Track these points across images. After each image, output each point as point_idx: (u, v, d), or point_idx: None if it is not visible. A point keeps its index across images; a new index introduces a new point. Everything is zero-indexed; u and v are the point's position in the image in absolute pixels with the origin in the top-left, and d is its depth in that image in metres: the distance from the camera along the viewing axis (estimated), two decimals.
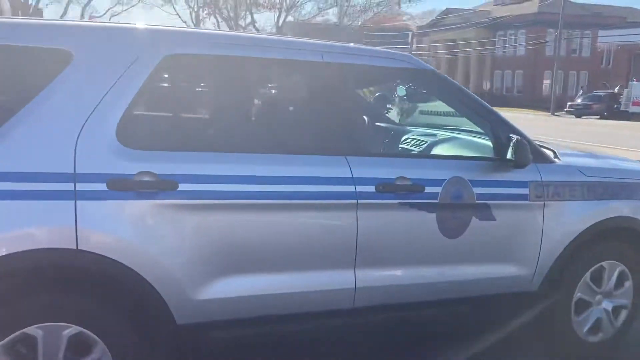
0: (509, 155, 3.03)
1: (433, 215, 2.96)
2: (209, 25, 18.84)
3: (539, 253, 3.27)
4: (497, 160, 3.12)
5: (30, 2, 15.98)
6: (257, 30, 17.67)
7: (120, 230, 2.38)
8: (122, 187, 2.37)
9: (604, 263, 3.51)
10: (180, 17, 21.10)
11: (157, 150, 2.49)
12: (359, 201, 2.77)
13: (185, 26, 21.78)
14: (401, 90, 4.41)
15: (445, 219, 2.99)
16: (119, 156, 2.40)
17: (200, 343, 2.63)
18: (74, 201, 2.30)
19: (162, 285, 2.45)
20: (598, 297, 3.55)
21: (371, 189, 2.80)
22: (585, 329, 3.54)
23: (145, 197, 2.41)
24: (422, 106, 4.94)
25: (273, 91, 3.36)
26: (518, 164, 3.04)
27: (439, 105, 3.82)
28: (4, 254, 2.20)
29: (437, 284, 3.06)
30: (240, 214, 2.60)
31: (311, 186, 2.71)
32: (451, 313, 3.19)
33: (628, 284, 3.61)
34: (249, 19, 16.82)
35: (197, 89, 3.19)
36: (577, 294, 3.46)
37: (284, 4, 16.51)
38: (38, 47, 2.42)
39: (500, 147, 3.12)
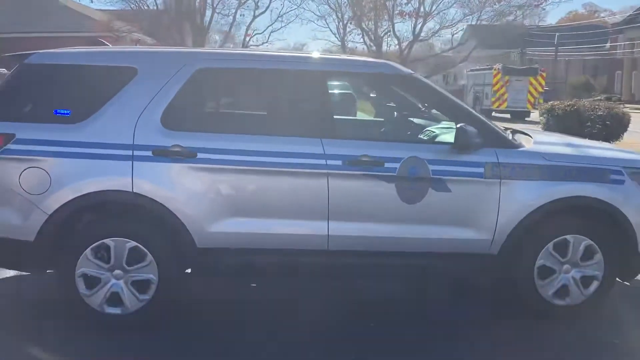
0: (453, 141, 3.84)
1: (392, 185, 3.87)
2: (355, 36, 20.54)
3: (496, 222, 3.97)
4: (451, 145, 3.92)
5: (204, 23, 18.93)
6: (397, 37, 18.63)
7: (159, 182, 3.73)
8: (161, 154, 3.73)
9: (568, 236, 4.06)
10: (330, 29, 23.04)
11: (185, 131, 3.81)
12: (329, 171, 3.82)
13: (334, 36, 23.51)
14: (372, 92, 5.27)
15: (403, 188, 3.89)
16: (161, 134, 3.76)
17: (213, 262, 3.89)
18: (131, 162, 3.70)
19: (186, 219, 3.75)
20: (565, 266, 4.10)
21: (339, 162, 3.82)
22: (550, 292, 4.11)
23: (175, 161, 3.74)
24: None
25: (271, 91, 4.50)
26: (458, 147, 3.82)
27: None
28: (92, 191, 3.67)
29: (399, 238, 3.95)
30: (242, 176, 3.82)
31: (295, 158, 3.83)
32: (413, 264, 4.05)
33: (598, 257, 4.10)
34: (385, 27, 17.91)
35: (216, 91, 4.45)
36: (540, 261, 4.07)
37: (422, 11, 17.20)
38: (118, 66, 3.88)
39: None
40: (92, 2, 22.83)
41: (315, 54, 4.28)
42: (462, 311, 4.34)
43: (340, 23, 20.96)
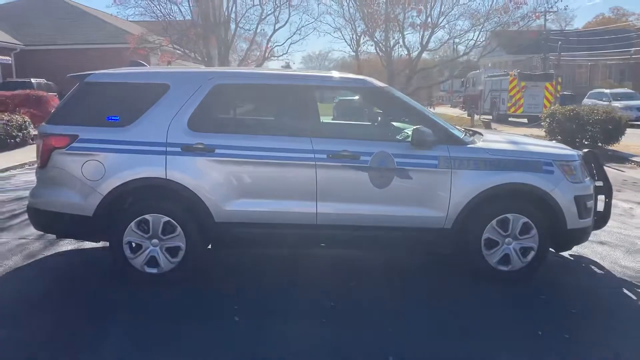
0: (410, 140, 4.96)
1: (366, 174, 4.98)
2: (368, 47, 21.76)
3: (449, 203, 5.04)
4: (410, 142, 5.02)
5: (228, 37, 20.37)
6: (407, 48, 19.74)
7: (186, 171, 4.90)
8: (188, 150, 4.90)
9: (508, 215, 5.11)
10: (345, 40, 24.36)
11: (206, 132, 4.97)
12: (317, 163, 4.94)
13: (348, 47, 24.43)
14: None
15: (374, 176, 4.99)
16: (187, 135, 4.93)
17: (229, 234, 5.04)
18: (165, 156, 4.88)
19: (206, 199, 4.91)
20: (507, 239, 5.15)
21: (324, 156, 4.95)
22: (495, 260, 5.16)
23: (199, 155, 4.91)
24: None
25: (272, 101, 5.65)
26: (414, 144, 4.92)
27: None
28: (137, 177, 4.86)
29: (372, 215, 5.05)
30: (249, 166, 4.96)
31: (290, 153, 4.96)
32: (386, 235, 5.13)
33: (533, 232, 5.13)
34: (395, 38, 19.02)
35: (230, 101, 5.61)
36: (486, 234, 5.12)
37: (430, 22, 18.18)
38: (155, 82, 5.08)
39: None
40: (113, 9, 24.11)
41: (307, 72, 5.47)
42: (426, 275, 5.43)
43: (354, 35, 22.13)
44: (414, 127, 5.04)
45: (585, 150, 6.05)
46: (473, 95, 36.99)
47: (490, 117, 31.58)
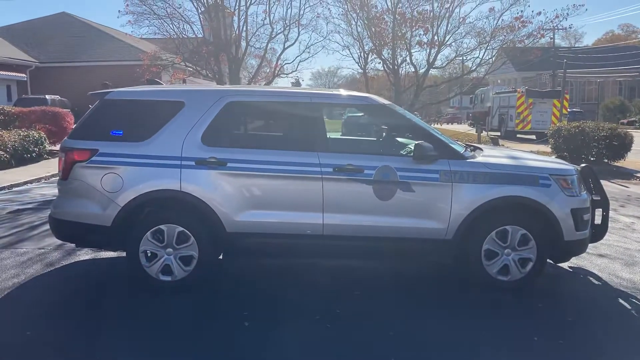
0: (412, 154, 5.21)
1: (370, 187, 5.22)
2: (376, 64, 22.30)
3: (450, 215, 5.27)
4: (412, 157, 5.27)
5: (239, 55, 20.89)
6: (414, 65, 20.09)
7: (199, 183, 5.17)
8: (201, 164, 5.17)
9: (507, 227, 5.33)
10: (353, 58, 24.93)
11: (219, 147, 5.24)
12: (323, 176, 5.20)
13: (356, 64, 24.84)
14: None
15: (378, 189, 5.23)
16: (201, 149, 5.20)
17: (239, 243, 5.29)
18: (180, 169, 5.15)
19: (218, 210, 5.17)
20: (506, 250, 5.36)
21: (330, 169, 5.20)
22: (495, 270, 5.37)
23: (212, 169, 5.18)
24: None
25: (281, 118, 5.94)
26: (416, 159, 5.17)
27: None
28: (154, 189, 5.13)
29: (376, 226, 5.28)
30: (260, 179, 5.22)
31: (298, 166, 5.22)
32: (389, 246, 5.36)
33: (532, 243, 5.34)
34: (403, 56, 19.42)
35: (241, 118, 5.88)
36: (486, 245, 5.34)
37: (437, 40, 18.49)
38: (171, 100, 5.38)
39: None
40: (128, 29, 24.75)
41: (314, 90, 5.75)
42: (430, 285, 5.64)
43: (362, 52, 22.52)
44: (416, 142, 5.29)
45: (583, 165, 6.26)
46: (481, 111, 37.22)
47: (499, 133, 31.79)
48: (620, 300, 5.28)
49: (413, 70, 21.10)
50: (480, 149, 6.04)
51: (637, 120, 45.65)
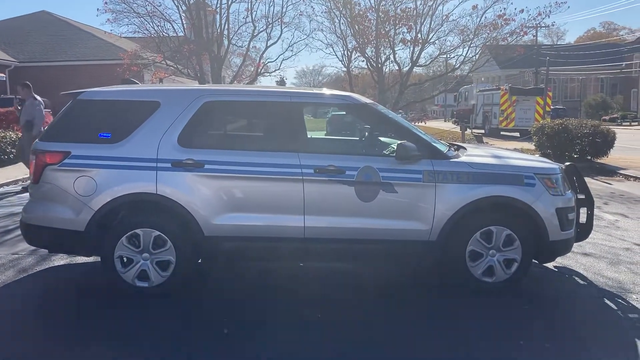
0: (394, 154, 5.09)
1: (352, 188, 5.10)
2: (359, 62, 22.24)
3: (434, 216, 5.16)
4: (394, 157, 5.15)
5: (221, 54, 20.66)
6: (397, 63, 20.05)
7: (176, 186, 5.00)
8: (178, 165, 5.01)
9: (492, 227, 5.23)
10: (337, 56, 24.71)
11: (196, 148, 5.08)
12: (304, 177, 5.06)
13: (340, 62, 25.02)
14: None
15: (360, 190, 5.10)
16: (178, 151, 5.04)
17: (218, 247, 5.14)
18: (155, 171, 4.99)
19: (196, 214, 5.01)
20: (491, 251, 5.26)
21: (311, 170, 5.06)
22: (479, 271, 5.27)
23: (188, 171, 5.02)
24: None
25: (260, 117, 5.79)
26: (399, 159, 5.05)
27: None
28: (128, 192, 4.96)
29: (358, 228, 5.15)
30: (238, 181, 5.07)
31: (277, 168, 5.08)
32: (372, 248, 5.23)
33: (517, 244, 5.25)
34: (387, 54, 19.34)
35: (219, 118, 5.69)
36: (470, 246, 5.24)
37: (420, 38, 18.41)
38: (146, 100, 5.21)
39: None
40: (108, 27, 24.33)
41: (295, 89, 5.60)
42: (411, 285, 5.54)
43: (346, 51, 22.40)
44: (399, 142, 5.17)
45: (567, 163, 6.19)
46: (465, 109, 37.33)
47: (483, 131, 31.88)
48: (607, 301, 5.21)
49: (397, 68, 21.03)
50: (464, 148, 5.95)
51: (619, 117, 46.15)
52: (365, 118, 5.97)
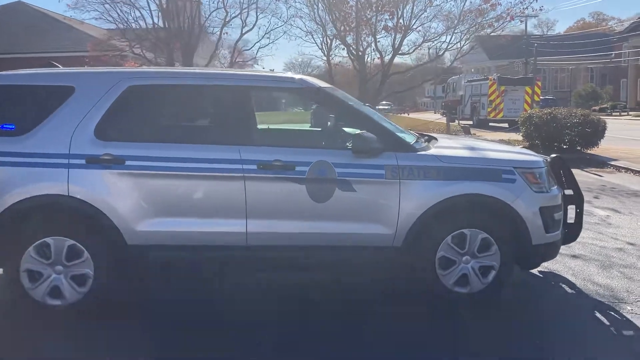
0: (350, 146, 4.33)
1: (303, 186, 4.34)
2: (340, 50, 21.29)
3: (398, 218, 4.42)
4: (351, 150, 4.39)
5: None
6: (379, 52, 19.17)
7: (91, 186, 4.23)
8: (93, 162, 4.23)
9: (464, 230, 4.49)
10: (317, 44, 23.74)
11: (116, 141, 4.31)
12: (245, 175, 4.30)
13: (320, 51, 24.37)
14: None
15: (313, 189, 4.35)
16: (94, 145, 4.26)
17: (144, 258, 4.37)
18: (67, 169, 4.21)
19: (115, 219, 4.24)
20: (465, 257, 4.53)
21: (254, 166, 4.30)
22: (452, 281, 4.54)
23: (106, 168, 4.25)
24: None
25: (195, 105, 4.99)
26: (356, 152, 4.30)
27: None
28: (35, 195, 4.18)
29: (311, 233, 4.40)
30: (167, 180, 4.31)
31: (213, 164, 4.31)
32: (328, 256, 4.48)
33: (494, 248, 4.52)
34: (368, 42, 18.57)
35: (145, 105, 4.86)
36: (440, 252, 4.50)
37: (402, 24, 17.63)
38: (58, 85, 4.41)
39: None
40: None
41: (238, 71, 4.80)
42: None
43: (326, 38, 21.55)
44: (357, 132, 4.42)
45: (553, 155, 5.45)
46: (453, 100, 36.65)
47: (471, 122, 31.20)
48: (598, 314, 4.49)
49: (378, 57, 20.21)
50: (435, 139, 5.18)
51: (608, 107, 45.64)
52: (321, 104, 5.19)
